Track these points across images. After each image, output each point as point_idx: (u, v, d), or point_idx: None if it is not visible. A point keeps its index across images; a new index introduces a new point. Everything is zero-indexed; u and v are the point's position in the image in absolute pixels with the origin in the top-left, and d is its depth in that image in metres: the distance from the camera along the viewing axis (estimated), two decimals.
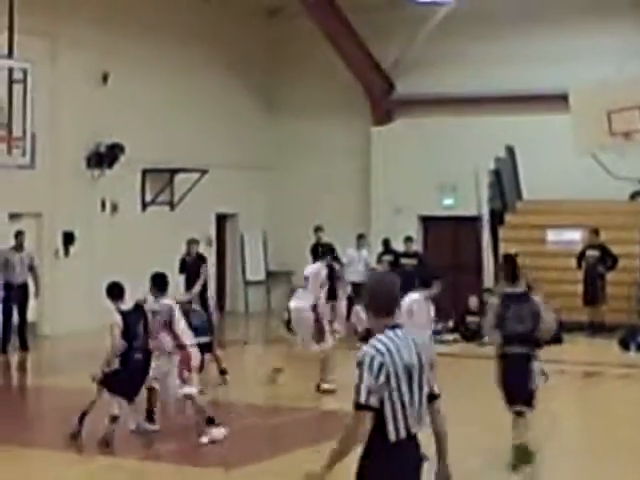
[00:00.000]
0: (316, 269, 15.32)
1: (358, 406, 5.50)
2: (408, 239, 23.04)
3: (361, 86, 26.10)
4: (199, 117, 24.75)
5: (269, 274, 26.65)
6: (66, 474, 10.62)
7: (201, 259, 20.47)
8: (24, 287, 18.84)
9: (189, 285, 20.18)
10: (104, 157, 22.24)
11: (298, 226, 25.79)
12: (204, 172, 23.93)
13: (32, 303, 19.35)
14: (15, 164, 16.37)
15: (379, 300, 5.68)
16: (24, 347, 19.05)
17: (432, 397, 5.74)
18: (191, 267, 20.21)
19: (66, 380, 16.13)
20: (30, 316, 20.95)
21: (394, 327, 5.65)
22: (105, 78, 22.41)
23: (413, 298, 12.44)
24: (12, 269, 18.64)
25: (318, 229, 23.08)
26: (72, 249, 21.87)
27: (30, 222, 21.12)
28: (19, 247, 18.80)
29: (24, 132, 15.87)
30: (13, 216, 20.61)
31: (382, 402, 5.53)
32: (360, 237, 23.37)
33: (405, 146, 25.66)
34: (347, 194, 26.21)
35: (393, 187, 25.66)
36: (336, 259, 22.23)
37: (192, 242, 20.56)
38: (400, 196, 25.49)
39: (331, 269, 16.73)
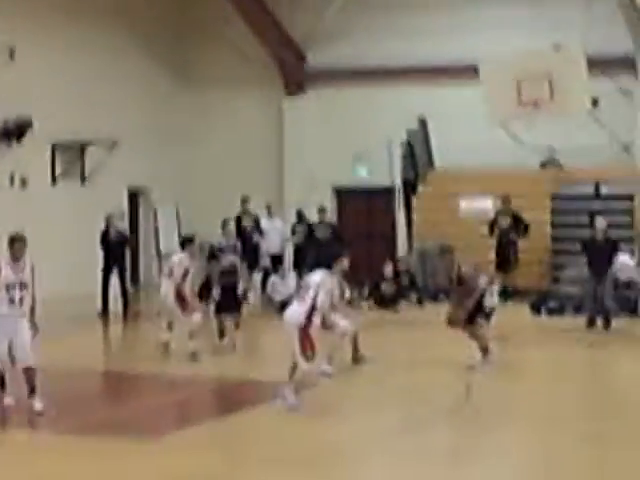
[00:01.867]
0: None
1: None
2: (322, 210, 23.09)
3: (273, 58, 26.02)
4: (108, 91, 24.44)
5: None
6: None
7: (121, 234, 20.57)
8: None
9: (108, 259, 20.20)
10: (12, 132, 21.87)
11: (212, 197, 25.76)
12: (114, 145, 23.65)
13: None
14: None
15: None
16: None
17: None
18: (112, 242, 20.21)
19: None
20: None
21: None
22: (12, 54, 22.00)
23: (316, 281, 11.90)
24: None
25: (245, 200, 22.99)
26: None
27: None
28: None
29: None
30: None
31: None
32: (269, 207, 23.32)
33: (317, 118, 25.71)
34: (261, 165, 26.21)
35: (306, 158, 25.69)
36: (258, 230, 22.34)
37: (110, 217, 20.54)
38: (313, 167, 25.53)
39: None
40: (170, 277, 15.24)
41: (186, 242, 15.87)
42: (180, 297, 15.08)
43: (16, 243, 11.98)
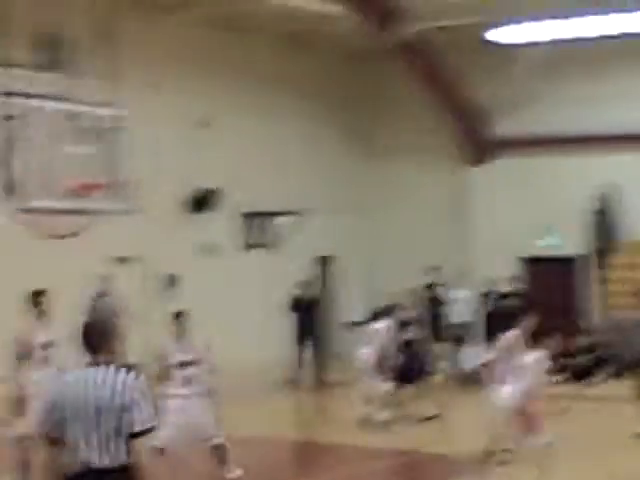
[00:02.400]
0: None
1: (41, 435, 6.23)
2: (513, 278, 22.81)
3: (456, 128, 26.00)
4: (297, 162, 24.94)
5: (373, 314, 26.50)
6: None
7: (314, 300, 20.83)
8: None
9: (301, 324, 20.53)
10: (204, 201, 22.48)
11: (400, 267, 25.76)
12: (303, 215, 24.01)
13: None
14: (119, 209, 16.61)
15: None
16: None
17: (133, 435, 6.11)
18: (305, 307, 20.47)
19: None
20: (136, 357, 21.17)
21: (96, 364, 6.15)
22: (206, 122, 22.68)
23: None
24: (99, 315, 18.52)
25: (434, 269, 23.01)
26: (174, 291, 22.08)
27: (134, 265, 21.41)
28: (104, 293, 18.74)
29: (126, 178, 16.09)
30: (118, 260, 20.90)
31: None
32: (459, 276, 23.18)
33: (502, 186, 25.46)
34: (446, 235, 26.07)
35: (492, 228, 25.45)
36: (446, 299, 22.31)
37: (304, 283, 20.85)
38: (500, 237, 25.26)
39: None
40: (370, 344, 15.12)
41: (385, 312, 15.72)
42: (380, 365, 14.97)
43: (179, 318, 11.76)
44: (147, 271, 21.77)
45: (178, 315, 11.82)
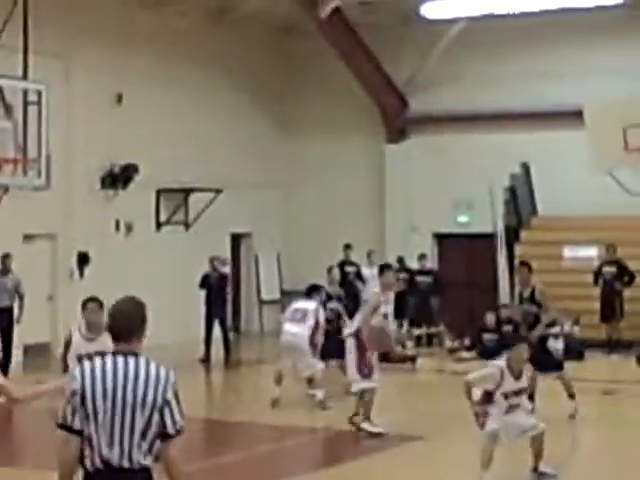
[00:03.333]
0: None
1: (59, 425, 5.51)
2: (422, 256, 23.04)
3: (375, 104, 26.09)
4: (213, 137, 24.76)
5: (284, 293, 26.58)
6: None
7: (223, 277, 20.70)
8: (8, 311, 18.07)
9: (209, 302, 20.39)
10: (118, 177, 22.27)
11: (313, 244, 25.86)
12: (218, 191, 23.92)
13: (17, 329, 18.51)
14: (30, 185, 16.34)
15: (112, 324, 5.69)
16: (5, 373, 18.42)
17: (164, 436, 5.57)
18: (213, 284, 20.34)
19: None
20: (43, 337, 20.97)
21: (125, 354, 5.57)
22: (119, 99, 22.44)
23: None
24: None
25: (347, 247, 23.12)
26: (87, 269, 21.85)
27: (45, 243, 21.15)
28: (4, 271, 18.05)
29: (39, 153, 15.86)
30: (27, 237, 20.61)
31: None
32: (369, 254, 23.35)
33: (419, 163, 25.63)
34: (362, 212, 26.18)
35: (408, 205, 25.62)
36: (359, 277, 22.40)
37: (213, 259, 20.75)
38: (415, 213, 25.45)
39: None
40: (303, 322, 14.86)
41: (313, 290, 15.54)
42: (313, 344, 14.78)
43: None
44: (59, 249, 21.51)
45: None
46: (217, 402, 17.65)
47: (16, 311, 18.23)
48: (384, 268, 13.57)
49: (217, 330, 20.64)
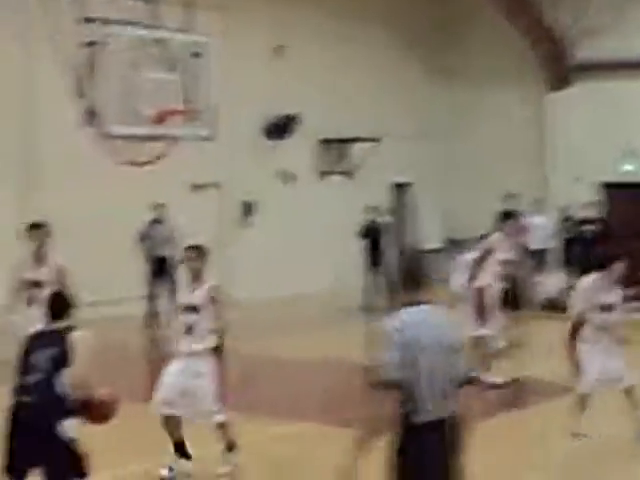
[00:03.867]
0: None
1: (380, 383, 5.40)
2: (588, 205, 22.60)
3: (535, 53, 25.63)
4: (373, 87, 24.81)
5: (445, 242, 26.55)
6: None
7: (382, 227, 20.80)
8: (165, 260, 18.54)
9: (369, 251, 20.52)
10: (281, 128, 22.55)
11: (473, 194, 25.71)
12: (379, 141, 23.97)
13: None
14: (197, 136, 16.70)
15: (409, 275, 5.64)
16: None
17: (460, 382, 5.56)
18: (374, 233, 20.48)
19: (248, 347, 16.51)
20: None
21: (420, 303, 5.56)
22: (281, 50, 22.67)
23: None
24: (155, 242, 18.47)
25: (509, 196, 22.85)
26: (252, 219, 22.26)
27: (211, 193, 21.62)
28: (159, 220, 18.55)
29: (205, 105, 16.16)
30: (195, 187, 21.13)
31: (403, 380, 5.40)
32: (536, 203, 23.00)
33: (581, 112, 25.10)
34: (522, 161, 25.86)
35: (570, 153, 25.17)
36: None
37: (372, 209, 20.88)
38: (578, 162, 24.99)
39: None
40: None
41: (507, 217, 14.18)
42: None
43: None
44: (224, 198, 21.97)
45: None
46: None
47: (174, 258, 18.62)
48: (507, 216, 13.26)
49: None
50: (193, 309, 9.12)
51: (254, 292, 21.15)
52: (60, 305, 7.23)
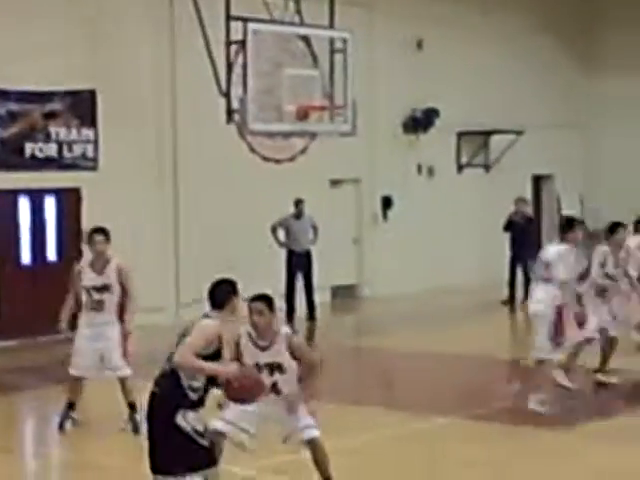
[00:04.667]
0: None
1: None
2: None
3: None
4: (513, 78, 24.51)
5: (587, 235, 26.10)
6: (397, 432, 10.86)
7: (528, 219, 20.55)
8: (306, 254, 18.64)
9: (514, 244, 20.29)
10: (420, 122, 22.50)
11: (615, 186, 25.21)
12: (519, 133, 23.72)
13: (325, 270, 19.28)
14: (338, 131, 16.76)
15: None
16: (311, 317, 18.74)
17: None
18: (517, 226, 20.23)
19: (384, 340, 16.56)
20: (350, 279, 21.61)
21: None
22: (420, 44, 22.62)
23: None
24: (293, 236, 18.53)
25: None
26: (390, 213, 22.27)
27: (350, 188, 21.71)
28: (299, 215, 18.55)
29: (345, 100, 16.20)
30: (334, 182, 21.24)
31: None
32: None
33: None
34: None
35: None
36: None
37: (520, 201, 20.62)
38: None
39: None
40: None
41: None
42: None
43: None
44: (363, 193, 22.03)
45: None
46: (520, 343, 17.58)
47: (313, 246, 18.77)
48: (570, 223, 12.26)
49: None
50: (104, 288, 10.71)
51: (394, 285, 21.19)
52: (221, 295, 7.43)
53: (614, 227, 12.95)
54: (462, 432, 10.80)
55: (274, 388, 8.04)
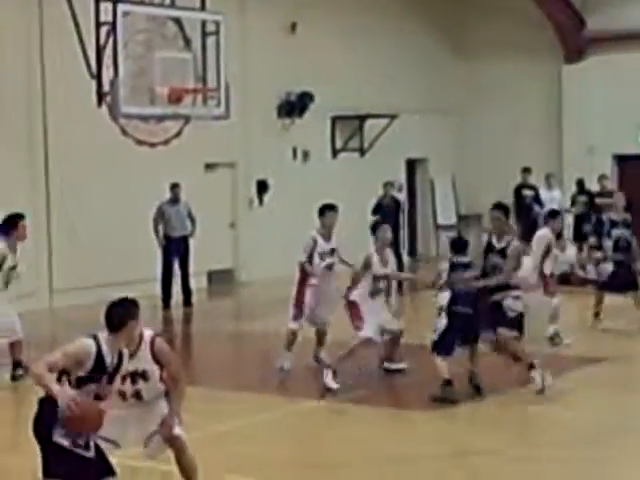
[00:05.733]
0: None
1: None
2: (603, 177, 22.48)
3: (551, 24, 25.49)
4: (386, 63, 24.69)
5: (460, 218, 26.54)
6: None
7: (396, 203, 20.70)
8: (183, 240, 18.41)
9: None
10: (294, 106, 22.50)
11: (488, 168, 25.66)
12: (393, 117, 23.92)
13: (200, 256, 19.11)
14: (210, 115, 16.64)
15: None
16: (188, 303, 18.57)
17: None
18: (386, 210, 20.38)
19: (262, 325, 16.54)
20: (226, 264, 21.54)
21: None
22: (293, 27, 22.60)
23: None
24: (169, 222, 18.19)
25: (525, 170, 22.76)
26: (266, 198, 22.25)
27: (225, 172, 21.62)
28: (175, 200, 18.26)
29: (218, 83, 16.08)
30: (208, 166, 21.12)
31: None
32: (548, 177, 22.94)
33: (597, 84, 24.98)
34: (538, 134, 25.78)
35: (586, 126, 25.07)
36: (537, 201, 22.04)
37: (388, 184, 20.75)
38: (593, 135, 24.89)
39: None
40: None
41: (551, 215, 14.40)
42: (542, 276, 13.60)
43: None
44: (238, 177, 21.96)
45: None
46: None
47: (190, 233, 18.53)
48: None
49: None
50: None
51: (270, 270, 21.16)
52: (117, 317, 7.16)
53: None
54: (335, 414, 10.88)
55: (136, 395, 7.62)
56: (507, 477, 8.76)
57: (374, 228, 13.69)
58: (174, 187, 18.41)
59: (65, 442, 6.72)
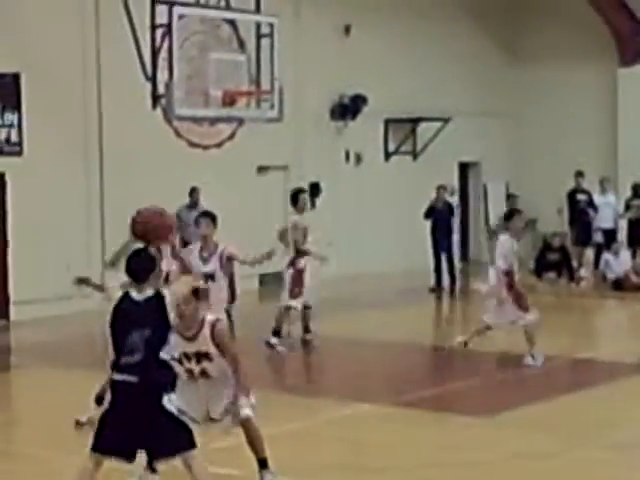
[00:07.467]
0: None
1: None
2: None
3: (607, 27, 25.28)
4: (440, 66, 24.63)
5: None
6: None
7: (449, 207, 20.65)
8: None
9: (435, 231, 20.41)
10: (347, 108, 22.52)
11: (542, 173, 25.50)
12: (446, 121, 23.84)
13: None
14: (264, 117, 16.70)
15: None
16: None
17: None
18: (439, 214, 20.34)
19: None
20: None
21: None
22: (347, 30, 22.62)
23: None
24: (187, 228, 17.36)
25: (579, 174, 22.58)
26: (318, 200, 22.26)
27: (277, 174, 21.66)
28: (193, 205, 17.91)
29: (272, 85, 16.14)
30: (261, 168, 21.18)
31: None
32: (603, 182, 22.73)
33: None
34: (593, 138, 25.57)
35: None
36: (591, 205, 21.88)
37: (441, 188, 20.67)
38: None
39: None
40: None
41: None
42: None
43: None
44: (291, 180, 21.98)
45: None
46: (444, 330, 17.73)
47: None
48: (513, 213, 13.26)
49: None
50: None
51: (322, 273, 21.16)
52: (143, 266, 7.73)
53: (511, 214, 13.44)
54: (385, 418, 10.86)
55: (204, 374, 7.98)
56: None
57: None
58: (193, 191, 18.18)
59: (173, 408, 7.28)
